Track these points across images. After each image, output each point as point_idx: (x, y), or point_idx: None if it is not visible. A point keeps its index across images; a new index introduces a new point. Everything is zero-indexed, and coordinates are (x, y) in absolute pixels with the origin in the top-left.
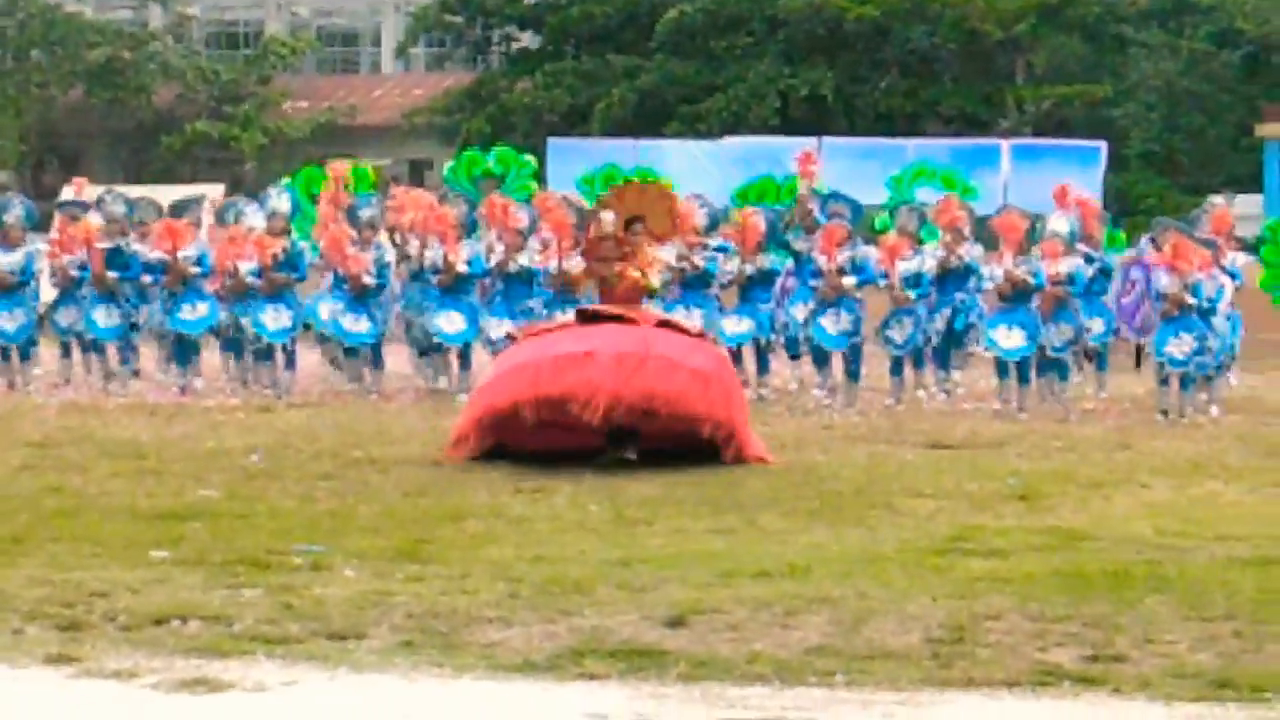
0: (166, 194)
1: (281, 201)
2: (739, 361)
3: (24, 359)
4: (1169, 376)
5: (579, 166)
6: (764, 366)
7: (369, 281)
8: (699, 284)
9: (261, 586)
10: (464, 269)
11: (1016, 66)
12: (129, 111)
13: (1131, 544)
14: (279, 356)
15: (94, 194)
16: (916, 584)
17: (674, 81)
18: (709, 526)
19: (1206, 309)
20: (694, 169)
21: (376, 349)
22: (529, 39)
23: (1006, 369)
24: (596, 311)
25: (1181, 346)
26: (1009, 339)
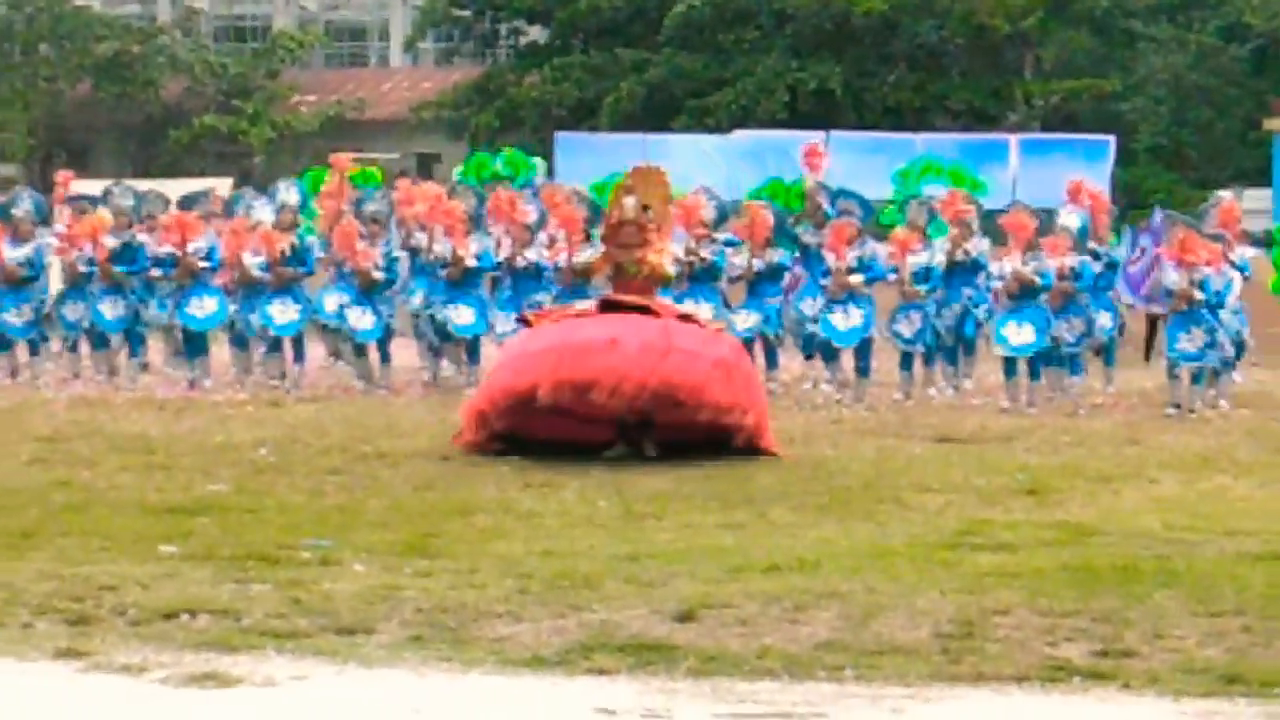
0: (174, 188)
1: (290, 195)
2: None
3: (33, 353)
4: (1180, 372)
5: (587, 161)
6: (772, 361)
7: (378, 276)
8: (706, 277)
9: (270, 581)
10: (473, 263)
11: (1025, 61)
12: (137, 105)
13: (1140, 539)
14: (288, 350)
15: (78, 188)
16: (925, 579)
17: (682, 75)
18: (718, 521)
19: (1215, 303)
20: (702, 163)
21: (383, 344)
22: (537, 33)
23: (1014, 370)
24: (618, 301)
25: (1193, 341)
26: (1019, 335)
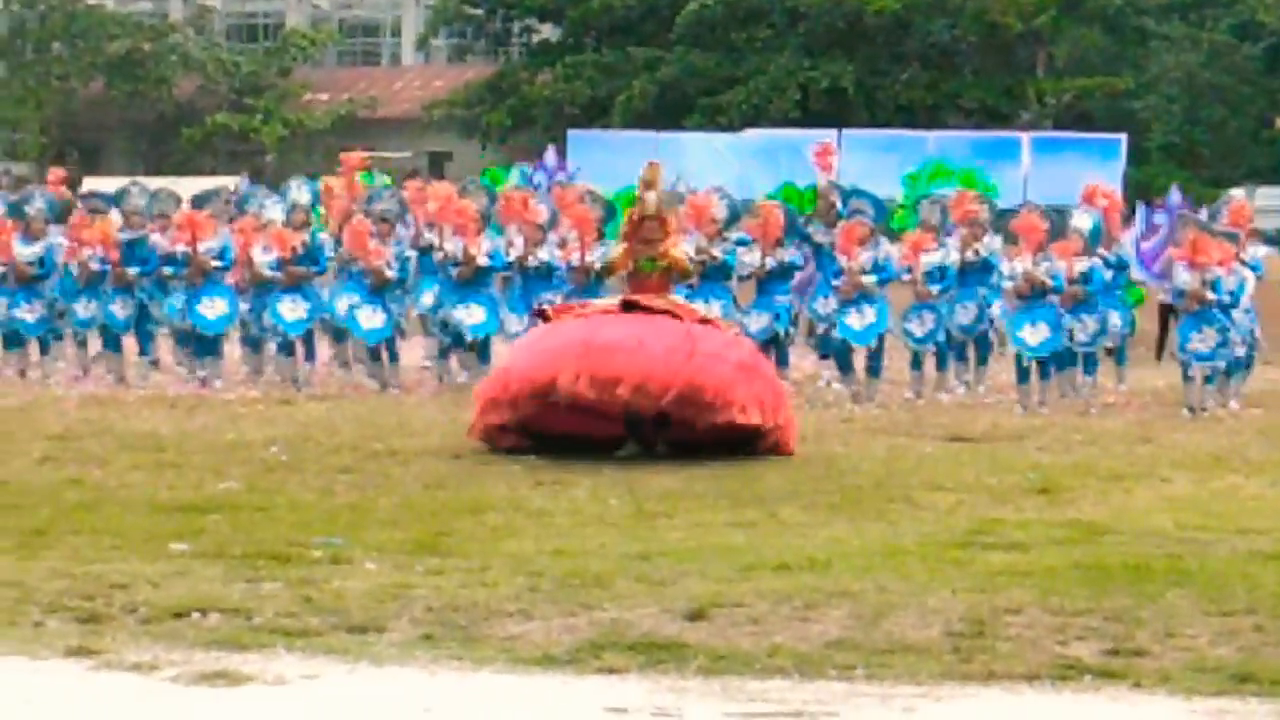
0: (187, 186)
1: (302, 194)
2: None
3: (44, 351)
4: (1193, 373)
5: (600, 159)
6: (783, 359)
7: (390, 275)
8: (718, 276)
9: (281, 579)
10: (484, 262)
11: (1037, 59)
12: (149, 103)
13: (1152, 538)
14: (298, 349)
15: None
16: (936, 577)
17: (694, 74)
18: (729, 520)
19: (1228, 303)
20: (714, 161)
21: (390, 343)
22: (549, 31)
23: (1026, 373)
24: (640, 303)
25: (1205, 341)
26: (1035, 335)
